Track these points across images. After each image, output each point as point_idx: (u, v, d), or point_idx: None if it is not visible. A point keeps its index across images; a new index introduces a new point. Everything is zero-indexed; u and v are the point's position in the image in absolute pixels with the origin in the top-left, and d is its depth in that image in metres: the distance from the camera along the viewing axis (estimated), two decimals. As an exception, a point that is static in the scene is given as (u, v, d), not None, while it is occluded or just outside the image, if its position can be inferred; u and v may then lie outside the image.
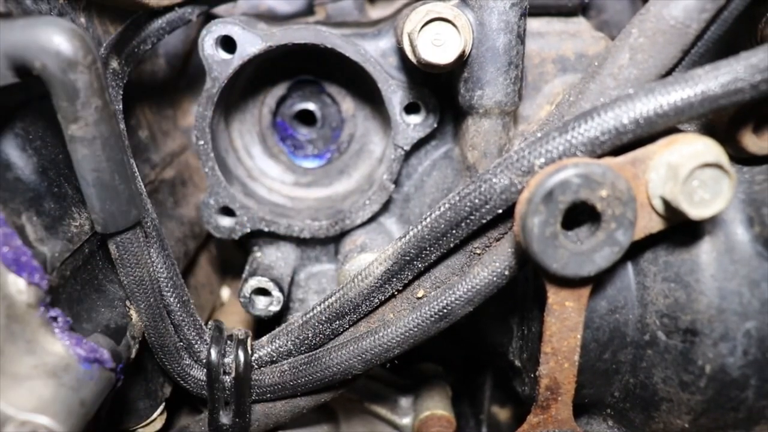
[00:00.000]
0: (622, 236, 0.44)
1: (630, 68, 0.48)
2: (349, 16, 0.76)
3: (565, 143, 0.44)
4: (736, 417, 0.52)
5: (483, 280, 0.49)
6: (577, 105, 0.49)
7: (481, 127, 0.62)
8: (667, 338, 0.52)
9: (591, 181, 0.42)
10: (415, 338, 0.53)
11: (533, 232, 0.43)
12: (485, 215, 0.47)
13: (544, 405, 0.53)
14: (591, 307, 0.52)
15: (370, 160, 0.77)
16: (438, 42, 0.56)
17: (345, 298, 0.56)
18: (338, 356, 0.55)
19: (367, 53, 0.65)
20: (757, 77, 0.43)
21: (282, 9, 0.83)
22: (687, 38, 0.47)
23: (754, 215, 0.50)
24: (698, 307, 0.50)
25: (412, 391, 0.79)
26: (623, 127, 0.43)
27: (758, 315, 0.49)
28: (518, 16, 0.58)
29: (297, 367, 0.58)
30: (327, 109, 0.76)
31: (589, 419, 0.61)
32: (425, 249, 0.51)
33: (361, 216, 0.72)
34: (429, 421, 0.74)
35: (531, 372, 0.58)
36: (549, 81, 0.69)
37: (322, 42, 0.65)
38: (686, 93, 0.43)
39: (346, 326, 0.57)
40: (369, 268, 0.54)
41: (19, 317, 0.43)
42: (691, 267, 0.50)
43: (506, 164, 0.46)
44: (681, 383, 0.52)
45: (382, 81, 0.66)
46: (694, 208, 0.43)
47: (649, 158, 0.45)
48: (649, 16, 0.47)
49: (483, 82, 0.60)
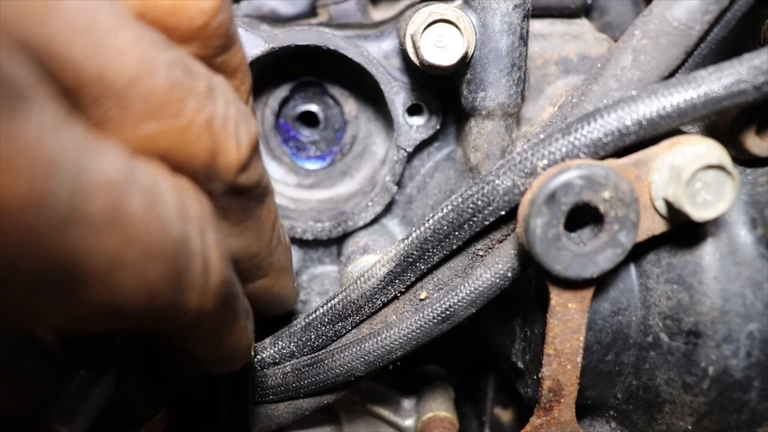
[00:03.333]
0: (625, 238, 0.44)
1: (633, 70, 0.48)
2: (351, 17, 0.76)
3: (568, 145, 0.44)
4: (739, 419, 0.52)
5: (486, 282, 0.49)
6: (579, 107, 0.49)
7: (484, 128, 0.62)
8: (670, 340, 0.51)
9: (594, 183, 0.42)
10: (418, 340, 0.53)
11: (536, 234, 0.43)
12: (488, 217, 0.47)
13: (547, 407, 0.53)
14: (594, 308, 0.52)
15: (372, 161, 0.77)
16: (441, 44, 0.56)
17: (348, 300, 0.56)
18: (341, 358, 0.55)
19: (370, 55, 0.65)
20: (761, 79, 0.43)
21: (284, 11, 0.83)
22: (690, 40, 0.47)
23: (757, 217, 0.50)
24: (701, 308, 0.50)
25: (414, 393, 0.79)
26: (626, 129, 0.43)
27: (761, 317, 0.49)
28: (521, 18, 0.58)
29: (299, 368, 0.58)
30: (330, 111, 0.77)
31: (591, 421, 0.61)
32: (428, 251, 0.51)
33: (363, 217, 0.72)
34: (432, 422, 0.74)
35: (534, 374, 0.57)
36: (552, 83, 0.69)
37: (325, 44, 0.65)
38: (689, 95, 0.43)
39: (348, 328, 0.57)
40: (372, 270, 0.55)
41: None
42: (694, 269, 0.50)
43: (509, 166, 0.46)
44: (684, 385, 0.52)
45: (384, 83, 0.66)
46: (697, 209, 0.43)
47: (652, 160, 0.45)
48: (651, 17, 0.47)
49: (486, 84, 0.60)
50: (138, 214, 0.28)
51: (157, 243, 0.29)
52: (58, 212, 0.25)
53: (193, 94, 0.32)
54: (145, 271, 0.29)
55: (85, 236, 0.26)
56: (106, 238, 0.27)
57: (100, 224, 0.27)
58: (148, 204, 0.29)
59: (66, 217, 0.25)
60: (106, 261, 0.27)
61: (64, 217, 0.25)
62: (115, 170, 0.27)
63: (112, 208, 0.27)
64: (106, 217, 0.27)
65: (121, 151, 0.29)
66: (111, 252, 0.27)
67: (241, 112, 0.36)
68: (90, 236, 0.26)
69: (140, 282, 0.29)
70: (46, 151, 0.24)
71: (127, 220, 0.28)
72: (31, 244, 0.25)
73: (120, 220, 0.28)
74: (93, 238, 0.27)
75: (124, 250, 0.28)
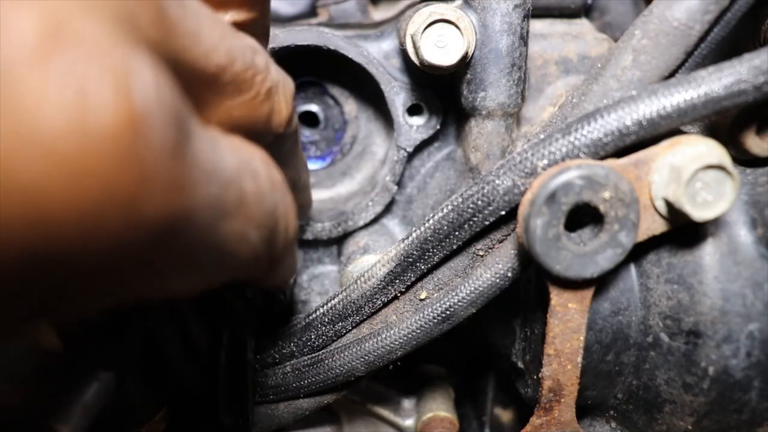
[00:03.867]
0: (625, 238, 0.44)
1: (633, 70, 0.48)
2: (351, 17, 0.76)
3: (568, 145, 0.44)
4: (739, 419, 0.52)
5: (486, 282, 0.49)
6: (579, 107, 0.49)
7: (484, 128, 0.62)
8: (670, 340, 0.51)
9: (594, 183, 0.42)
10: (418, 340, 0.53)
11: (536, 234, 0.42)
12: (488, 217, 0.47)
13: (547, 407, 0.53)
14: (594, 308, 0.52)
15: (372, 161, 0.77)
16: (441, 44, 0.56)
17: (348, 300, 0.56)
18: (341, 358, 0.55)
19: (370, 55, 0.65)
20: (761, 79, 0.43)
21: (285, 11, 0.83)
22: (690, 40, 0.47)
23: (757, 217, 0.50)
24: (701, 308, 0.50)
25: (414, 393, 0.79)
26: (626, 129, 0.43)
27: (761, 317, 0.49)
28: (521, 18, 0.58)
29: (299, 368, 0.58)
30: (330, 111, 0.77)
31: (592, 421, 0.61)
32: (428, 251, 0.51)
33: (363, 217, 0.72)
34: (432, 422, 0.74)
35: (534, 374, 0.57)
36: (552, 83, 0.69)
37: (325, 44, 0.65)
38: (689, 95, 0.43)
39: (348, 328, 0.57)
40: (372, 270, 0.55)
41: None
42: (694, 269, 0.50)
43: (509, 166, 0.46)
44: (684, 385, 0.52)
45: (384, 83, 0.66)
46: (697, 209, 0.43)
47: (652, 160, 0.45)
48: (651, 17, 0.47)
49: (486, 84, 0.60)
50: (251, 194, 0.33)
51: (262, 215, 0.35)
52: (213, 210, 0.29)
53: (259, 70, 0.37)
54: (254, 240, 0.35)
55: (226, 224, 0.31)
56: (237, 222, 0.32)
57: (233, 211, 0.31)
58: (255, 183, 0.34)
59: (216, 213, 0.30)
60: (237, 239, 0.32)
61: (215, 213, 0.30)
62: (235, 162, 0.32)
63: (239, 196, 0.32)
64: (235, 204, 0.32)
65: (228, 138, 0.33)
66: (239, 231, 0.32)
67: (280, 72, 0.41)
68: (229, 223, 0.31)
69: (251, 249, 0.35)
70: (209, 164, 0.29)
71: (246, 202, 0.33)
72: (198, 238, 0.29)
73: (243, 203, 0.32)
74: (231, 224, 0.31)
75: (246, 228, 0.33)
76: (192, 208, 0.27)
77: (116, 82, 0.22)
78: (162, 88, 0.25)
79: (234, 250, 0.33)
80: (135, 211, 0.23)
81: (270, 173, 0.37)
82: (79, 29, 0.22)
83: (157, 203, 0.24)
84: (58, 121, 0.21)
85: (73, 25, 0.22)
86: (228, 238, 0.32)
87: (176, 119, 0.26)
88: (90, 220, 0.22)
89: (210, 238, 0.30)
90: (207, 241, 0.30)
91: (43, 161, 0.21)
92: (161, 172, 0.24)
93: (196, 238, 0.29)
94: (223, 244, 0.31)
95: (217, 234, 0.30)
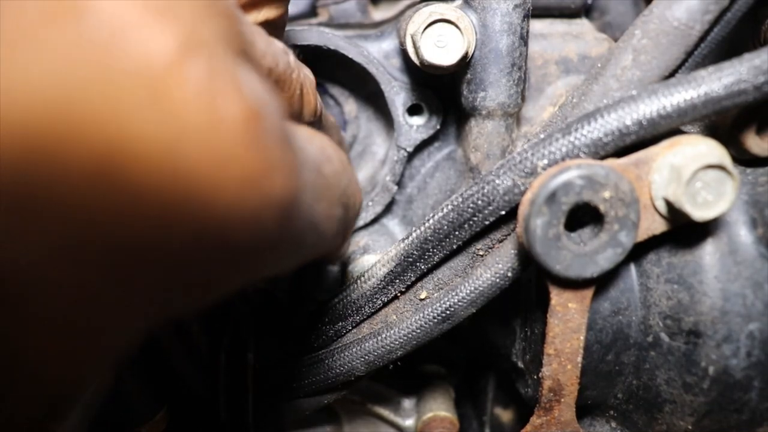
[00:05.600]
0: (625, 238, 0.44)
1: (633, 70, 0.48)
2: (352, 17, 0.76)
3: (569, 145, 0.44)
4: (739, 419, 0.52)
5: (486, 282, 0.49)
6: (580, 106, 0.49)
7: (484, 128, 0.62)
8: (670, 340, 0.51)
9: (594, 183, 0.42)
10: (418, 340, 0.53)
11: (536, 234, 0.43)
12: (488, 217, 0.47)
13: (547, 407, 0.53)
14: (594, 308, 0.52)
15: (373, 161, 0.77)
16: (441, 44, 0.56)
17: (348, 300, 0.56)
18: (341, 358, 0.55)
19: (370, 55, 0.65)
20: (761, 78, 0.43)
21: (285, 11, 0.83)
22: (690, 40, 0.47)
23: (757, 217, 0.50)
24: (701, 308, 0.50)
25: (415, 393, 0.79)
26: (626, 129, 0.43)
27: (761, 317, 0.49)
28: (521, 18, 0.58)
29: (300, 368, 0.58)
30: (330, 111, 0.76)
31: (592, 421, 0.61)
32: (428, 250, 0.51)
33: (363, 217, 0.72)
34: (432, 422, 0.74)
35: (534, 374, 0.57)
36: (552, 82, 0.69)
37: (325, 44, 0.65)
38: (689, 94, 0.43)
39: (348, 328, 0.57)
40: (372, 270, 0.55)
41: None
42: (695, 268, 0.50)
43: (509, 166, 0.46)
44: (684, 385, 0.52)
45: (384, 82, 0.66)
46: (698, 209, 0.43)
47: (652, 160, 0.45)
48: (652, 17, 0.47)
49: (486, 84, 0.60)
50: (331, 177, 0.37)
51: (340, 194, 0.38)
52: (312, 193, 0.33)
53: (293, 68, 0.40)
54: (338, 218, 0.38)
55: (319, 205, 0.34)
56: (326, 202, 0.36)
57: (323, 192, 0.35)
58: (332, 166, 0.37)
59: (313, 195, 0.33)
60: (326, 218, 0.36)
61: (314, 194, 0.33)
62: (315, 148, 0.35)
63: (324, 179, 0.35)
64: (324, 186, 0.35)
65: (300, 129, 0.35)
66: (327, 210, 0.36)
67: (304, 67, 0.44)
68: (321, 204, 0.35)
69: (335, 226, 0.38)
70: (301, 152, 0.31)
71: (329, 183, 0.36)
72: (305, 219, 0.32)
73: (327, 185, 0.36)
74: (322, 205, 0.35)
75: (332, 207, 0.37)
76: (301, 190, 0.30)
77: (234, 82, 0.25)
78: (262, 87, 0.28)
79: (325, 229, 0.36)
80: (266, 192, 0.26)
81: (339, 155, 0.40)
82: (204, 39, 0.24)
83: (280, 185, 0.27)
84: (201, 115, 0.23)
85: (199, 35, 0.24)
86: (321, 218, 0.35)
87: (278, 113, 0.29)
88: (238, 202, 0.25)
89: (311, 219, 0.33)
90: (310, 222, 0.33)
91: (196, 152, 0.23)
92: (280, 158, 0.27)
93: (304, 219, 0.32)
94: (318, 223, 0.35)
95: (314, 215, 0.34)
